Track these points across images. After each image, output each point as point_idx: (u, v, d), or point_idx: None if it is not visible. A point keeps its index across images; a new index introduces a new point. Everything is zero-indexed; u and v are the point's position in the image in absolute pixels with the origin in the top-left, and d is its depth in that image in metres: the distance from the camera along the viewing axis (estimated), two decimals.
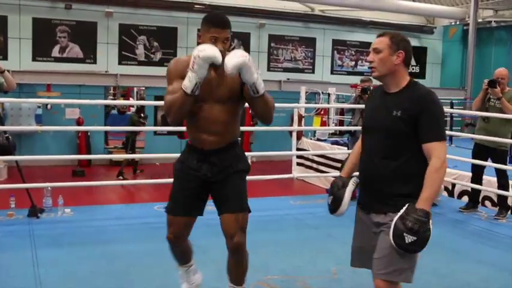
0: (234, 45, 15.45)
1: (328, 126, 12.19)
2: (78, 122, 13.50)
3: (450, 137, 11.64)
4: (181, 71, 2.72)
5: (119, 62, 14.59)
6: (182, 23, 15.06)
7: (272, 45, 16.34)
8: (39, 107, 13.76)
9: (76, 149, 13.66)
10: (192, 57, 2.60)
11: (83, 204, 6.39)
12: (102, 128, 14.15)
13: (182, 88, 2.62)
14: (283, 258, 4.16)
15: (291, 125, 12.35)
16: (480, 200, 6.37)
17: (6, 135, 5.25)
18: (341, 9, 16.31)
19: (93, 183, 9.02)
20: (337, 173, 6.23)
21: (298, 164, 11.03)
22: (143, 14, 14.68)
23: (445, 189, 7.30)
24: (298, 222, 5.45)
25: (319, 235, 4.95)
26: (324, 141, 11.84)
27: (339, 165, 9.48)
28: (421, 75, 18.28)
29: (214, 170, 2.87)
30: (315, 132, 12.56)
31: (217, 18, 2.75)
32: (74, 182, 9.18)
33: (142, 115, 13.10)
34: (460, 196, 7.41)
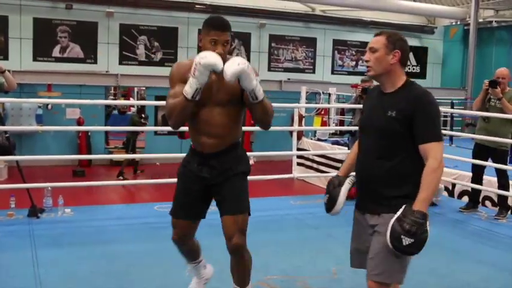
0: (234, 45, 15.45)
1: (328, 126, 12.18)
2: (79, 122, 13.49)
3: (450, 137, 11.63)
4: (183, 75, 2.77)
5: (120, 62, 14.59)
6: (183, 23, 15.06)
7: (273, 45, 16.33)
8: (40, 107, 13.76)
9: (76, 149, 13.66)
10: (193, 63, 2.64)
11: (83, 204, 6.39)
12: (103, 128, 14.14)
13: (183, 93, 2.67)
14: (284, 258, 4.16)
15: (292, 125, 12.34)
16: (480, 200, 6.36)
17: (7, 135, 5.25)
18: (342, 9, 16.31)
19: (94, 183, 9.02)
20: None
21: (299, 164, 11.04)
22: (144, 14, 14.67)
23: (445, 189, 7.29)
24: (298, 222, 5.45)
25: (319, 235, 4.95)
26: (325, 141, 11.83)
27: (339, 165, 9.44)
28: (421, 75, 18.29)
29: (214, 173, 2.89)
30: (315, 132, 12.55)
31: (217, 21, 2.78)
32: (74, 182, 9.18)
33: (144, 115, 13.09)
34: (460, 196, 7.41)
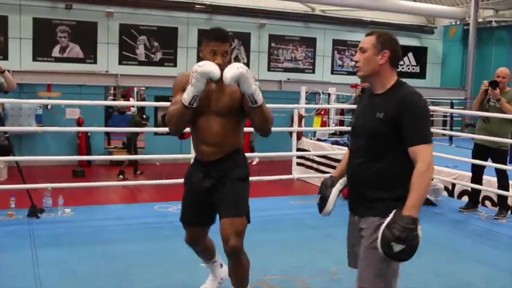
0: (234, 45, 15.45)
1: (328, 126, 12.17)
2: (79, 122, 13.49)
3: (450, 137, 11.65)
4: (184, 84, 2.86)
5: (119, 62, 14.59)
6: (182, 23, 15.06)
7: (272, 45, 16.33)
8: (40, 107, 13.77)
9: (76, 149, 13.66)
10: (191, 72, 2.75)
11: (83, 204, 6.38)
12: (103, 129, 14.14)
13: (181, 100, 2.79)
14: (283, 258, 4.16)
15: (291, 125, 12.33)
16: (480, 200, 6.36)
17: (7, 135, 5.25)
18: (341, 9, 16.32)
19: (93, 184, 9.02)
20: None
21: (299, 164, 11.02)
22: (143, 14, 14.67)
23: (445, 189, 7.29)
24: (298, 222, 5.45)
25: (319, 235, 4.95)
26: (324, 141, 11.82)
27: None
28: (421, 75, 18.31)
29: (212, 181, 2.96)
30: (315, 132, 12.55)
31: (216, 32, 2.87)
32: (74, 182, 9.18)
33: (144, 116, 13.08)
34: (460, 196, 7.41)
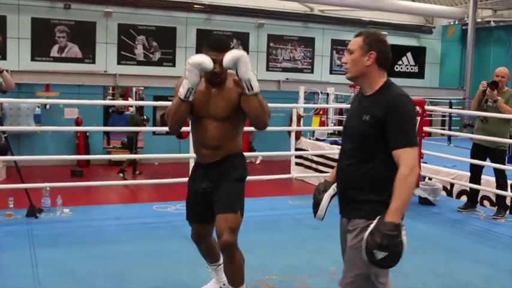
0: (233, 45, 15.44)
1: (327, 126, 12.19)
2: (77, 122, 13.48)
3: (449, 136, 11.68)
4: None
5: (118, 62, 14.58)
6: (181, 23, 15.05)
7: (271, 45, 16.33)
8: (38, 107, 13.75)
9: (75, 148, 13.64)
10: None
11: (81, 204, 6.38)
12: (101, 128, 14.11)
13: (178, 95, 2.92)
14: (282, 258, 4.16)
15: (290, 125, 12.34)
16: (479, 200, 6.37)
17: (5, 135, 5.24)
18: (340, 9, 16.33)
19: (92, 183, 9.01)
20: None
21: (297, 164, 11.02)
22: (142, 14, 14.67)
23: (444, 188, 7.30)
24: (297, 222, 5.45)
25: (318, 235, 4.94)
26: (323, 141, 11.84)
27: None
28: (419, 75, 18.33)
29: (210, 182, 3.05)
30: (313, 132, 12.56)
31: (215, 42, 3.02)
32: (73, 182, 9.17)
33: (145, 117, 13.08)
34: (458, 196, 7.42)
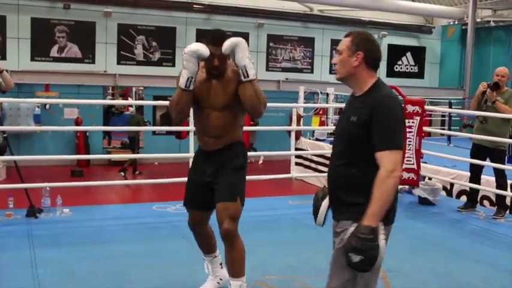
0: None
1: (326, 126, 12.17)
2: (77, 122, 13.48)
3: (448, 136, 11.68)
4: None
5: (118, 62, 14.58)
6: (181, 23, 15.05)
7: (271, 45, 16.33)
8: (38, 107, 13.75)
9: (74, 148, 13.65)
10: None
11: (81, 204, 6.37)
12: (101, 128, 14.11)
13: (179, 86, 3.03)
14: (282, 258, 4.16)
15: (290, 124, 12.34)
16: (478, 200, 6.37)
17: (4, 135, 5.24)
18: (340, 9, 16.33)
19: (92, 183, 9.01)
20: None
21: (297, 164, 11.01)
22: (142, 14, 14.66)
23: (444, 188, 7.30)
24: (296, 222, 5.44)
25: (318, 235, 4.91)
26: (323, 141, 11.83)
27: None
28: (419, 75, 18.34)
29: (212, 169, 3.13)
30: (313, 132, 12.56)
31: (213, 36, 3.07)
32: (73, 182, 9.17)
33: (145, 120, 13.08)
34: (458, 196, 7.42)
